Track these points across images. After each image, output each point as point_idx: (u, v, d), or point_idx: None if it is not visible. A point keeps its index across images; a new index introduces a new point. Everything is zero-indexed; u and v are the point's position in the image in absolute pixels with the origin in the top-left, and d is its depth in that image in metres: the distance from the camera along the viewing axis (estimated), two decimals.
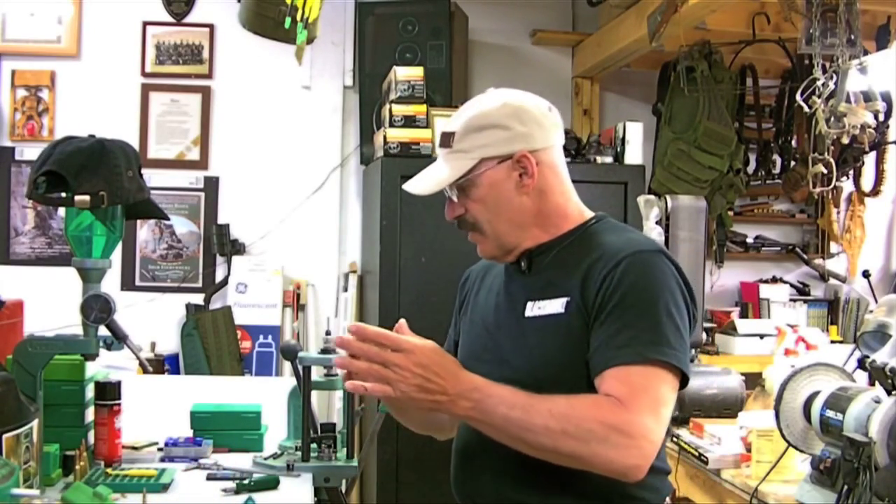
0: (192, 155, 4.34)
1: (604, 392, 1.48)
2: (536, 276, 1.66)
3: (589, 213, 1.71)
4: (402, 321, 1.53)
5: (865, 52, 3.19)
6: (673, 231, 3.13)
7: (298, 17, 2.35)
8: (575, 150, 3.78)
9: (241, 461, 2.13)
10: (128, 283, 4.27)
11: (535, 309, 1.62)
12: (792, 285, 4.80)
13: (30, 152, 4.19)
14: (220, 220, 4.33)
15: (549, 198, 1.66)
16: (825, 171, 3.27)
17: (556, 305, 1.59)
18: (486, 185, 1.63)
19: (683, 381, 1.53)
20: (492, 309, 1.72)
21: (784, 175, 4.51)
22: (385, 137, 3.66)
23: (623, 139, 3.83)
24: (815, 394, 2.13)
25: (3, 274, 4.09)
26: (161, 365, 3.98)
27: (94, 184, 1.82)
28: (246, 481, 1.92)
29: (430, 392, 1.44)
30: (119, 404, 2.08)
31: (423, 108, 3.71)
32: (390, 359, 1.43)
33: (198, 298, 4.26)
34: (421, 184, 1.66)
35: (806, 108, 3.03)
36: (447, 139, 1.65)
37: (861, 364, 2.06)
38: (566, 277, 1.60)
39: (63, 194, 1.84)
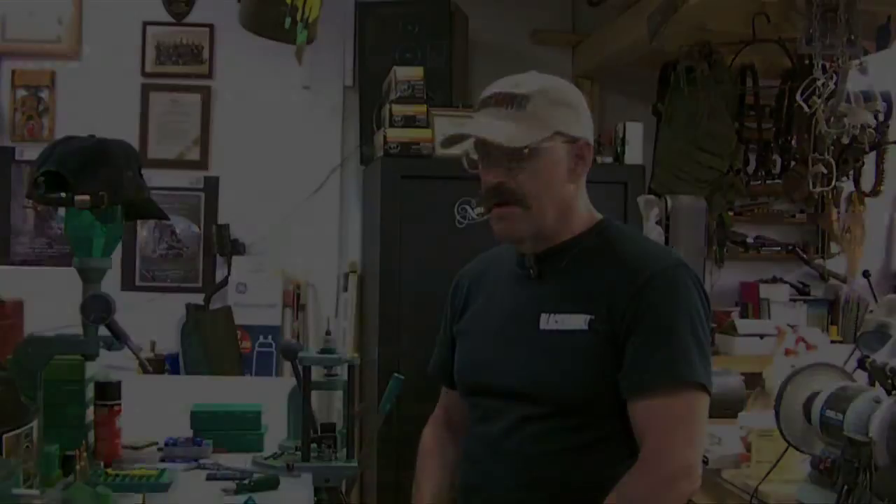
0: (192, 155, 4.33)
1: (641, 421, 1.51)
2: (549, 285, 1.62)
3: (598, 215, 1.69)
4: None
5: (865, 52, 3.19)
6: (673, 231, 3.14)
7: (298, 17, 2.36)
8: None
9: (241, 461, 2.13)
10: (128, 283, 4.26)
11: (551, 322, 1.58)
12: (792, 285, 4.79)
13: (30, 152, 4.17)
14: (220, 220, 4.32)
15: (579, 193, 1.65)
16: (825, 171, 3.28)
17: (577, 321, 1.56)
18: (548, 159, 1.58)
19: None
20: (497, 317, 1.67)
21: (784, 175, 4.50)
22: (385, 137, 3.66)
23: (623, 139, 3.83)
24: (815, 394, 2.12)
25: (3, 274, 4.08)
26: (161, 365, 3.97)
27: (94, 184, 1.82)
28: (246, 481, 1.92)
29: None
30: (119, 404, 2.08)
31: (423, 108, 3.70)
32: None
33: (198, 298, 4.25)
34: (489, 131, 1.57)
35: (806, 108, 3.03)
36: (514, 100, 1.59)
37: (861, 364, 2.06)
38: (586, 290, 1.58)
39: (63, 194, 1.84)
